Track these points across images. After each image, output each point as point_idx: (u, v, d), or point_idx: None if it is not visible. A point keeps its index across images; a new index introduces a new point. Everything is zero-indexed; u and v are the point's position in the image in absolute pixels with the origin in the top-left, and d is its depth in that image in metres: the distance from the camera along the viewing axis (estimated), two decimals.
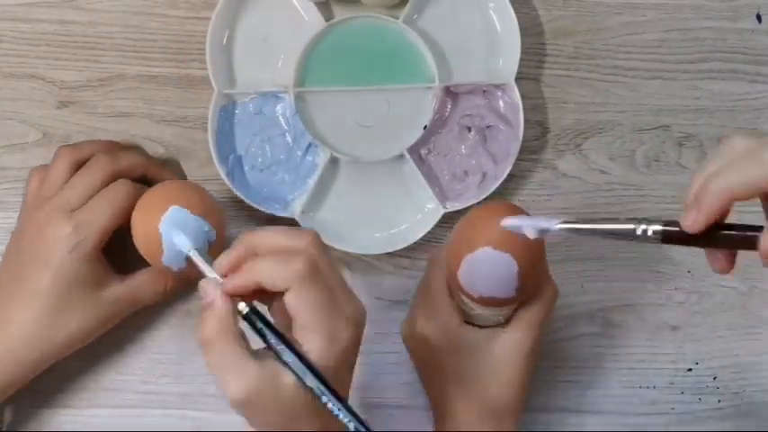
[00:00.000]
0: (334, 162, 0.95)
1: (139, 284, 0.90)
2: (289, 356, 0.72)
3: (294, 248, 0.73)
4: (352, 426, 0.71)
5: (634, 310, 0.98)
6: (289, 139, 0.95)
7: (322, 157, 0.95)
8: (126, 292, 0.89)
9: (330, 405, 0.71)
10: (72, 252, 0.85)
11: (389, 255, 0.96)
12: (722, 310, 0.98)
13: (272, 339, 0.72)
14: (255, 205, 0.93)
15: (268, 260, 0.74)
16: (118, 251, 0.89)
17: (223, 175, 0.93)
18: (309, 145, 0.95)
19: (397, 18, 0.94)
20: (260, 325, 0.73)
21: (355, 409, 0.72)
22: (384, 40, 0.94)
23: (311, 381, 0.71)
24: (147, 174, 0.91)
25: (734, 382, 0.98)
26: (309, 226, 0.93)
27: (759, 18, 0.98)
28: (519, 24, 0.93)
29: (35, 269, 0.86)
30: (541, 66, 0.97)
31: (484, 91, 0.96)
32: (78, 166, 0.89)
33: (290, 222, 0.94)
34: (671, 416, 0.98)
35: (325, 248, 0.75)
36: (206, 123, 0.94)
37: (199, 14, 0.96)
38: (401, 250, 0.95)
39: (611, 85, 0.98)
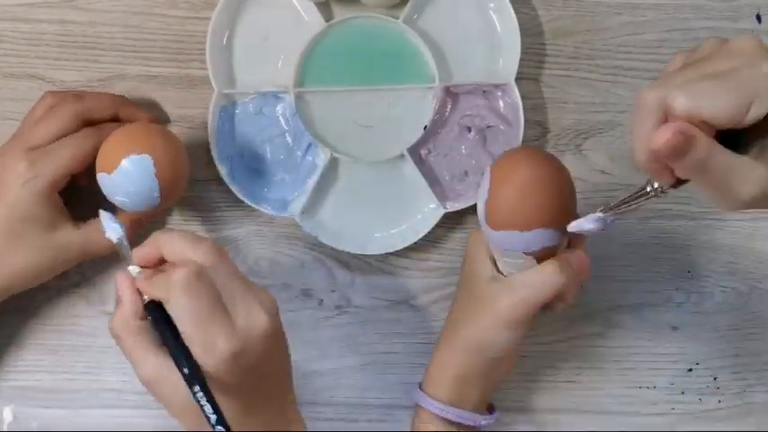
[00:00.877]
0: (334, 162, 0.95)
1: (92, 232, 0.89)
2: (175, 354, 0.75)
3: (189, 255, 0.76)
4: (213, 419, 0.73)
5: (634, 310, 0.98)
6: (289, 139, 0.95)
7: (322, 158, 0.95)
8: (77, 238, 0.89)
9: (197, 396, 0.73)
10: (24, 187, 0.85)
11: (389, 255, 0.96)
12: (723, 310, 0.98)
13: (164, 335, 0.76)
14: (255, 206, 0.94)
15: (158, 273, 0.77)
16: (80, 201, 0.90)
17: (223, 176, 0.93)
18: (309, 145, 0.95)
19: (397, 18, 0.94)
20: (156, 322, 0.76)
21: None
22: (384, 40, 0.94)
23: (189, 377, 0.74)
24: (119, 114, 0.91)
25: (734, 382, 0.98)
26: (309, 226, 0.94)
27: (759, 18, 0.98)
28: (519, 24, 0.93)
29: None
30: (541, 66, 0.97)
31: (484, 91, 0.96)
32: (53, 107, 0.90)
33: (290, 223, 0.94)
34: (671, 416, 0.98)
35: (220, 256, 0.77)
36: (206, 123, 0.94)
37: (199, 14, 0.96)
38: (401, 250, 0.95)
39: (612, 86, 0.98)
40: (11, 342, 0.94)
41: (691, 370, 0.98)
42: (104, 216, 0.81)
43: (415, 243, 0.95)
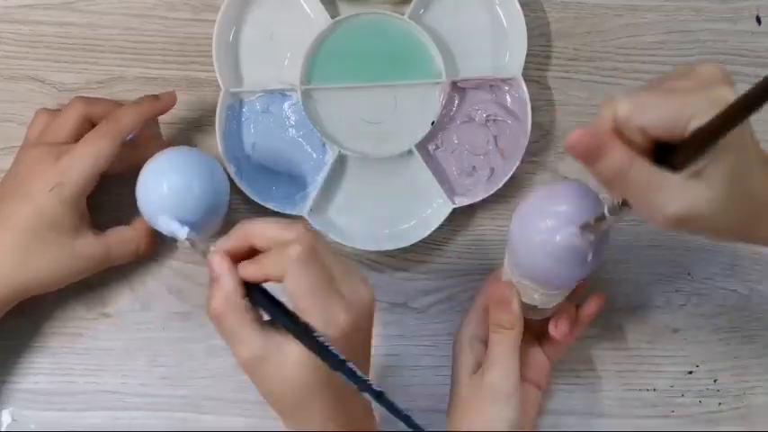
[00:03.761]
0: (342, 159, 0.95)
1: (112, 242, 0.90)
2: (291, 327, 0.73)
3: (286, 237, 0.74)
4: (372, 390, 0.72)
5: (634, 312, 0.98)
6: (296, 136, 0.96)
7: (330, 155, 0.95)
8: (99, 246, 0.89)
9: (340, 368, 0.72)
10: (52, 192, 0.85)
11: (389, 258, 0.96)
12: (723, 312, 0.98)
13: (275, 311, 0.74)
14: (264, 204, 0.94)
15: (269, 252, 0.75)
16: (101, 208, 0.91)
17: (231, 174, 0.93)
18: (317, 142, 0.95)
19: (403, 14, 0.94)
20: (262, 299, 0.75)
21: None
22: (390, 36, 0.95)
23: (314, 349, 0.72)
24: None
25: (734, 384, 0.98)
26: (318, 224, 0.94)
27: (759, 20, 0.99)
28: None
29: (17, 203, 0.86)
30: (542, 68, 0.98)
31: (491, 86, 0.96)
32: (88, 119, 0.90)
33: (299, 220, 0.94)
34: (671, 419, 0.98)
35: (319, 235, 0.76)
36: (207, 125, 0.94)
37: (198, 16, 0.96)
38: (404, 252, 0.95)
39: (611, 87, 0.98)
40: (10, 344, 0.94)
41: (691, 372, 0.98)
42: (164, 219, 0.82)
43: (421, 243, 0.94)
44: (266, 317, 0.75)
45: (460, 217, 0.96)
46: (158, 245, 0.95)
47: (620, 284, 0.98)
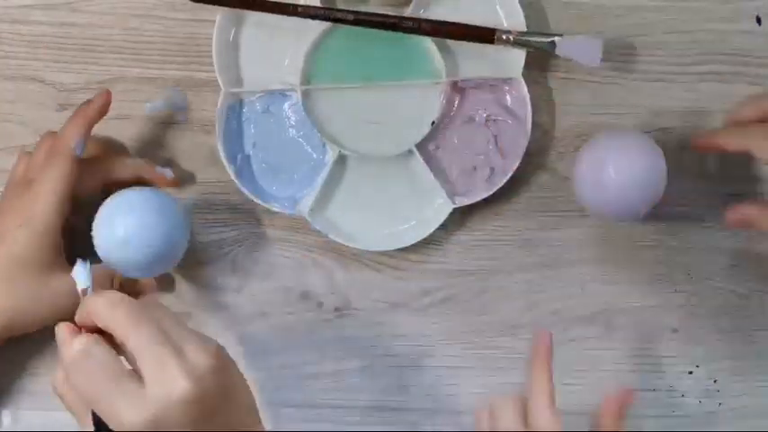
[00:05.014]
0: (342, 159, 0.95)
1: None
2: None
3: (105, 324, 0.72)
4: None
5: (634, 312, 0.98)
6: (296, 137, 0.96)
7: (330, 155, 0.95)
8: (73, 287, 0.86)
9: None
10: (20, 228, 0.85)
11: (389, 258, 0.96)
12: (723, 312, 0.98)
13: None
14: (265, 204, 0.94)
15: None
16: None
17: (232, 175, 0.93)
18: (317, 142, 0.95)
19: (403, 14, 0.94)
20: None
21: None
22: (390, 36, 0.94)
23: None
24: (140, 177, 0.92)
25: (735, 384, 0.98)
26: (318, 224, 0.94)
27: (759, 20, 0.98)
28: None
29: None
30: (541, 68, 0.97)
31: (491, 86, 0.96)
32: None
33: (299, 220, 0.95)
34: (671, 419, 0.98)
35: (137, 320, 0.72)
36: (206, 125, 0.94)
37: (198, 17, 0.96)
38: (404, 252, 0.95)
39: (611, 88, 0.98)
40: (10, 344, 0.94)
41: (691, 372, 0.98)
42: (79, 265, 0.80)
43: (422, 243, 0.95)
44: None
45: (460, 217, 0.96)
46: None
47: (619, 284, 0.98)
